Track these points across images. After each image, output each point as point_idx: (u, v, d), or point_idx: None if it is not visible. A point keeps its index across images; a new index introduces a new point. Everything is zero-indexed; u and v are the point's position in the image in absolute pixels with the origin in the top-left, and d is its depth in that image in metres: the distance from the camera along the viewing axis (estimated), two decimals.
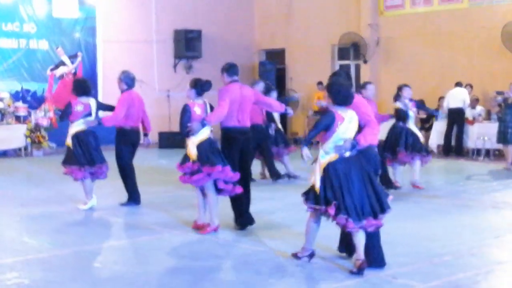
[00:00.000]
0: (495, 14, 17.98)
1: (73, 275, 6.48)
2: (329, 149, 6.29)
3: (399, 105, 11.25)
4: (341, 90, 6.38)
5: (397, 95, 11.30)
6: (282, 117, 13.55)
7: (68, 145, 9.60)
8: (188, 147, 8.03)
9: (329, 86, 6.49)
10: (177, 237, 8.01)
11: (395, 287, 6.00)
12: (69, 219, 9.30)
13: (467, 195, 11.08)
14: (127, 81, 9.99)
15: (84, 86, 9.83)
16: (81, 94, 9.68)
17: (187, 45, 20.92)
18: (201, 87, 8.12)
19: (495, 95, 16.87)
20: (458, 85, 17.09)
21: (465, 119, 17.12)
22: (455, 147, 17.07)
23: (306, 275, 6.39)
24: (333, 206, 6.16)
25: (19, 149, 17.03)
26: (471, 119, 17.10)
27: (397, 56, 20.09)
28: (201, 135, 7.99)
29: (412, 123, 11.37)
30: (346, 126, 6.29)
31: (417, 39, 19.48)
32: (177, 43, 21.09)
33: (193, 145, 7.96)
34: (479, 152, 16.66)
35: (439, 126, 17.48)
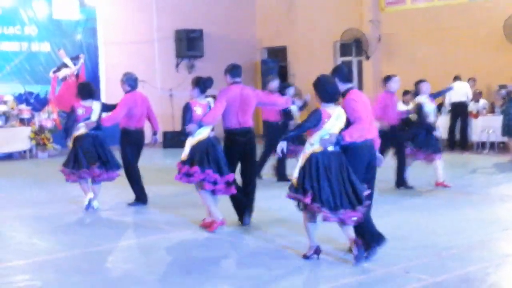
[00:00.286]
0: (497, 7, 17.97)
1: (85, 276, 6.50)
2: (314, 141, 6.46)
3: (419, 100, 11.09)
4: (328, 87, 6.50)
5: (417, 90, 11.16)
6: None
7: (69, 147, 9.75)
8: (186, 146, 8.11)
9: (316, 84, 6.58)
10: (186, 236, 8.03)
11: (406, 281, 6.01)
12: (77, 220, 9.34)
13: (473, 189, 11.09)
14: (130, 82, 10.04)
15: (88, 89, 9.87)
16: (86, 97, 9.72)
17: (189, 44, 20.92)
18: (204, 85, 8.18)
19: (498, 88, 16.91)
20: (457, 79, 17.06)
21: (469, 113, 17.13)
22: (459, 141, 17.09)
23: (317, 270, 6.41)
24: (309, 195, 6.33)
25: (24, 152, 17.05)
26: (475, 112, 17.10)
27: (399, 52, 20.09)
28: (199, 135, 8.04)
29: (432, 118, 11.19)
30: (332, 122, 6.44)
31: (419, 34, 19.47)
32: (179, 42, 21.08)
33: (189, 145, 8.05)
34: (483, 145, 16.68)
35: (443, 120, 17.46)
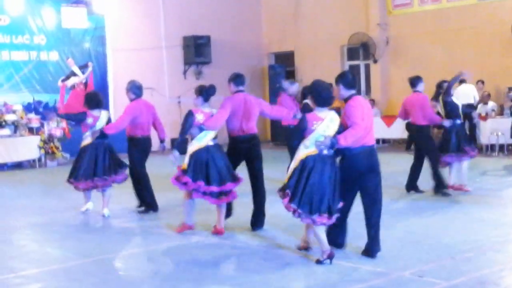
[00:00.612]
0: (504, 9, 17.95)
1: (98, 283, 6.51)
2: (309, 144, 6.63)
3: (449, 99, 10.98)
4: (321, 92, 6.74)
5: (445, 91, 10.99)
6: None
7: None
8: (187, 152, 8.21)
9: (311, 88, 6.88)
10: (197, 243, 8.02)
11: (421, 285, 6.00)
12: (88, 227, 9.39)
13: (484, 191, 11.04)
14: (134, 90, 10.08)
15: (96, 99, 9.97)
16: (94, 107, 9.83)
17: (197, 51, 20.96)
18: (207, 93, 8.28)
19: (508, 90, 16.86)
20: (462, 82, 16.98)
21: (477, 115, 17.04)
22: None
23: (329, 275, 6.39)
24: (286, 193, 6.58)
25: (33, 160, 17.10)
26: (483, 114, 17.05)
27: (407, 54, 20.07)
28: (199, 143, 8.13)
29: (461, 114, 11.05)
30: (326, 124, 6.65)
31: (427, 37, 19.45)
32: (187, 49, 21.13)
33: (188, 153, 8.16)
34: (492, 147, 16.62)
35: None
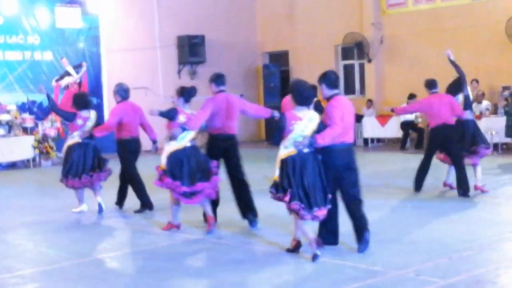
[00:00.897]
0: (499, 8, 17.99)
1: (94, 284, 6.49)
2: (288, 144, 6.75)
3: (466, 93, 10.91)
4: (302, 92, 6.88)
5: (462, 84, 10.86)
6: None
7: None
8: (163, 152, 8.34)
9: (292, 88, 6.98)
10: (193, 242, 8.03)
11: (418, 284, 6.00)
12: (83, 227, 9.38)
13: (479, 190, 11.04)
14: (121, 93, 10.19)
15: (84, 99, 10.17)
16: (82, 108, 9.99)
17: (191, 50, 20.94)
18: (188, 94, 8.46)
19: (502, 89, 16.90)
20: None
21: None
22: None
23: (327, 274, 6.38)
24: (288, 193, 6.67)
25: (28, 160, 17.07)
26: (478, 114, 17.08)
27: (401, 54, 20.10)
28: (178, 143, 8.26)
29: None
30: (305, 124, 6.77)
31: (421, 36, 19.48)
32: (181, 49, 21.11)
33: (166, 153, 8.27)
34: None
35: None
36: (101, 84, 19.74)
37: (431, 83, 10.77)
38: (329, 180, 6.93)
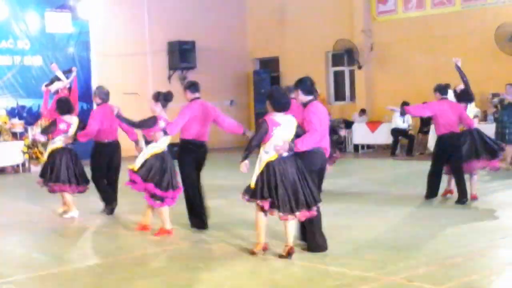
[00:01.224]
0: (488, 16, 18.12)
1: None
2: (269, 149, 6.94)
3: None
4: (280, 97, 7.06)
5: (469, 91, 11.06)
6: None
7: (44, 161, 10.24)
8: (139, 155, 8.41)
9: (269, 94, 7.15)
10: (189, 248, 8.01)
11: None
12: (75, 233, 9.34)
13: (469, 197, 11.07)
14: (102, 96, 10.28)
15: (68, 104, 10.23)
16: (65, 112, 10.08)
17: (181, 56, 20.97)
18: (165, 98, 8.53)
19: (491, 96, 16.97)
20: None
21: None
22: None
23: (318, 279, 6.37)
24: (268, 202, 6.89)
25: (17, 166, 16.99)
26: None
27: (391, 61, 20.18)
28: (156, 148, 8.36)
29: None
30: (284, 129, 6.96)
31: (411, 43, 19.58)
32: (171, 54, 21.13)
33: (143, 156, 8.35)
34: None
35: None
36: (91, 89, 19.62)
37: (444, 89, 10.81)
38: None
